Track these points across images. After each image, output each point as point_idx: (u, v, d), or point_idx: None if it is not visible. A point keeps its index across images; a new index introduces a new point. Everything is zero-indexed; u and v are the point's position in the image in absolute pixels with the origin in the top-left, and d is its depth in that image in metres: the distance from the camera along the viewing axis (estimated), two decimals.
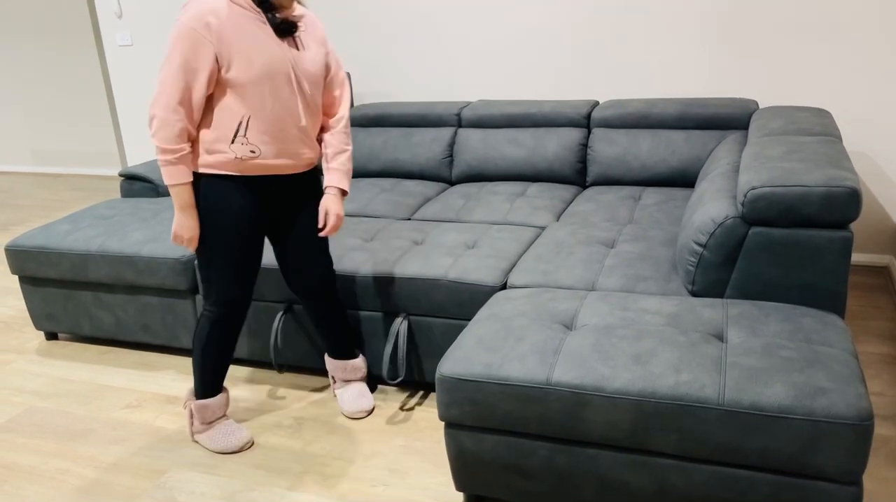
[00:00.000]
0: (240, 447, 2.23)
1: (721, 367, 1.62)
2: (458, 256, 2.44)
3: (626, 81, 3.53)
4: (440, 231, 2.71)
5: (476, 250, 2.49)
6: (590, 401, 1.64)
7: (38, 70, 6.10)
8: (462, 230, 2.70)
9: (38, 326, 3.06)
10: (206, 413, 2.24)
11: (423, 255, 2.47)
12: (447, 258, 2.43)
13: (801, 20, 3.17)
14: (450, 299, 2.33)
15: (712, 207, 2.04)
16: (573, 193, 3.19)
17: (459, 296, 2.32)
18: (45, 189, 5.87)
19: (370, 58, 3.98)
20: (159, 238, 2.78)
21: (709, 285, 2.03)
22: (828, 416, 1.48)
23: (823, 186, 1.84)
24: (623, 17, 3.44)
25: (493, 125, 3.47)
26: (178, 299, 2.75)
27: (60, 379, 2.78)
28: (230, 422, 2.28)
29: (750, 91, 3.35)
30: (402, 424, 2.35)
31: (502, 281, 2.31)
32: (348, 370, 2.42)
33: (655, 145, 3.16)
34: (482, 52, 3.74)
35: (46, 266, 2.87)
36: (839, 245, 1.86)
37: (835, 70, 3.18)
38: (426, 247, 2.55)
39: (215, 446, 2.24)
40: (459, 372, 1.75)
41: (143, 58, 4.56)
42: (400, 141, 3.58)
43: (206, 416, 2.24)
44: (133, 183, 3.46)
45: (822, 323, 1.79)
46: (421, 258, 2.45)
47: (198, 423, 2.26)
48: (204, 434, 2.27)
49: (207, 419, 2.25)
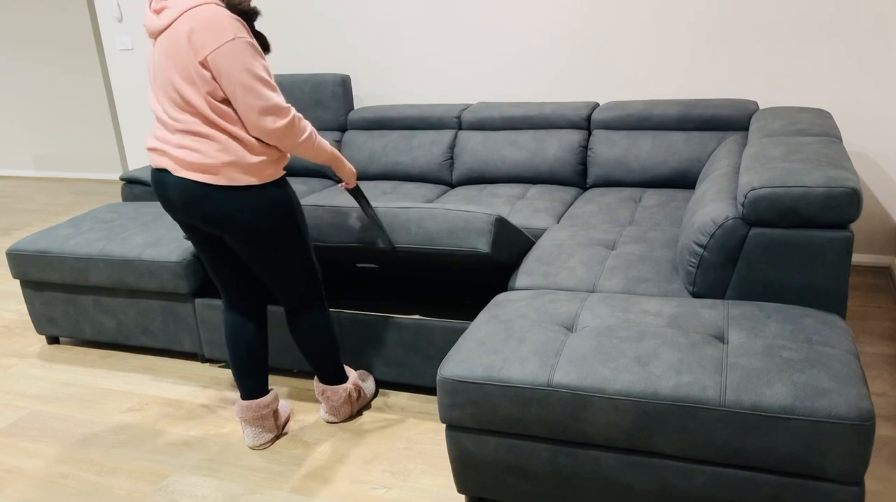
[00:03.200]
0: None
1: (722, 368, 1.62)
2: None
3: (626, 83, 3.54)
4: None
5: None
6: (591, 403, 1.64)
7: (38, 74, 6.12)
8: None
9: (39, 330, 3.06)
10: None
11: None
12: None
13: (800, 21, 3.17)
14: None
15: (713, 208, 2.04)
16: (574, 195, 3.19)
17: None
18: (47, 193, 5.87)
19: (370, 61, 3.98)
20: (160, 241, 2.78)
21: (709, 286, 2.03)
22: (829, 417, 1.48)
23: (824, 187, 1.84)
24: (623, 19, 3.44)
25: (494, 127, 3.48)
26: (179, 303, 2.75)
27: (62, 383, 2.79)
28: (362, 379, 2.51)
29: (750, 92, 3.35)
30: (404, 426, 2.35)
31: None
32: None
33: (656, 147, 3.16)
34: (482, 54, 3.75)
35: (48, 270, 2.87)
36: (840, 245, 1.86)
37: (835, 71, 3.18)
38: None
39: (370, 389, 2.49)
40: (460, 374, 1.75)
41: (143, 62, 4.56)
42: (400, 143, 3.59)
43: (359, 384, 2.41)
44: (134, 187, 3.46)
45: (823, 323, 1.79)
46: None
47: (360, 394, 2.41)
48: (366, 394, 2.45)
49: (359, 384, 2.41)
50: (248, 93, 1.85)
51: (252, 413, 2.25)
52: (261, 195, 1.96)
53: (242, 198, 1.94)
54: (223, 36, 1.83)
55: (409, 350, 2.44)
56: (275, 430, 2.31)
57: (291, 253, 2.09)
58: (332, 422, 2.39)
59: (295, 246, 2.09)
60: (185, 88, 1.88)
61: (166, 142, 1.96)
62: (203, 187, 1.93)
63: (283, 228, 2.03)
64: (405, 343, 2.44)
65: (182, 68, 1.87)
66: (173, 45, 1.87)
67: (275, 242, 2.04)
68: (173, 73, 1.89)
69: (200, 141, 1.91)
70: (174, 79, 1.89)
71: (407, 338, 2.43)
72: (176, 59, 1.87)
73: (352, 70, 4.04)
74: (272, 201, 1.99)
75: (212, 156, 1.90)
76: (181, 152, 1.93)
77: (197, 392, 2.65)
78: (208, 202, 1.94)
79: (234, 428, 2.40)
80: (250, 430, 2.27)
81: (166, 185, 1.99)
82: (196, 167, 1.92)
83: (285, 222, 2.03)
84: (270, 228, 2.00)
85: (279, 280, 2.14)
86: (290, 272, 2.13)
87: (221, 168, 1.91)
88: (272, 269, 2.10)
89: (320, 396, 2.35)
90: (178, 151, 1.93)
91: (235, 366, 2.25)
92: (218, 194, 1.93)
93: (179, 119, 1.92)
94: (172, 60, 1.88)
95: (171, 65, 1.89)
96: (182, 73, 1.87)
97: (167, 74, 1.90)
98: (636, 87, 3.53)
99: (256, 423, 2.27)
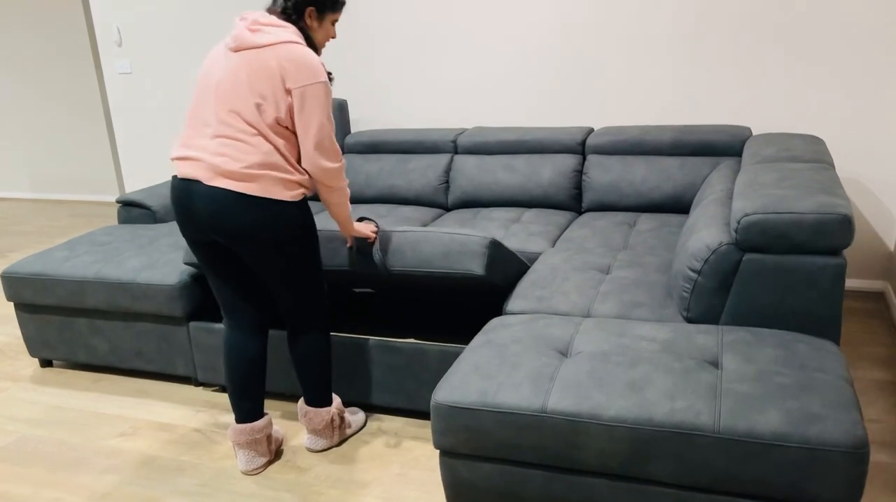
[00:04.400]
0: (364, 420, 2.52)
1: (716, 394, 1.62)
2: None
3: (620, 108, 3.57)
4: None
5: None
6: (585, 429, 1.63)
7: (37, 96, 6.15)
8: None
9: (32, 353, 3.05)
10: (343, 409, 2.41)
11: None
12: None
13: (794, 48, 3.21)
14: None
15: (706, 234, 2.05)
16: (568, 219, 3.21)
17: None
18: (44, 215, 5.88)
19: (366, 85, 4.02)
20: (156, 264, 2.78)
21: (704, 311, 2.03)
22: (823, 444, 1.47)
23: (816, 213, 1.86)
24: (617, 45, 3.48)
25: (489, 152, 3.50)
26: (173, 326, 2.75)
27: (54, 407, 2.77)
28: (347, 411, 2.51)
29: (743, 118, 3.38)
30: (398, 452, 2.33)
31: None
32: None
33: (650, 172, 3.18)
34: (478, 79, 3.78)
35: (42, 293, 2.87)
36: (833, 271, 1.87)
37: (826, 97, 3.22)
38: None
39: (358, 422, 2.48)
40: (454, 399, 1.74)
41: (142, 85, 4.59)
42: (396, 167, 3.60)
43: (343, 412, 2.40)
44: (131, 209, 3.47)
45: (816, 349, 1.80)
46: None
47: (343, 422, 2.40)
48: (351, 424, 2.45)
49: (343, 413, 2.41)
50: (319, 131, 2.01)
51: (246, 436, 2.24)
52: (289, 210, 2.04)
53: (271, 211, 2.00)
54: (315, 76, 1.98)
55: (403, 374, 2.44)
56: (268, 455, 2.30)
57: (306, 270, 2.15)
58: (314, 451, 2.36)
59: (310, 264, 2.16)
60: (258, 103, 1.97)
61: (203, 150, 2.01)
62: (235, 196, 1.98)
63: (303, 245, 2.10)
64: (400, 366, 2.43)
65: (262, 87, 1.97)
66: (262, 66, 1.97)
67: (293, 257, 2.10)
68: (250, 88, 1.97)
69: (245, 149, 1.98)
70: (249, 92, 1.97)
71: (401, 362, 2.43)
72: (260, 77, 1.97)
73: (349, 94, 4.07)
74: (297, 218, 2.06)
75: (252, 164, 1.97)
76: (219, 159, 1.98)
77: (190, 416, 2.64)
78: (238, 212, 1.99)
79: (227, 453, 2.39)
80: (244, 454, 2.26)
81: (193, 196, 2.02)
82: (233, 175, 1.97)
83: (305, 240, 2.11)
84: (292, 243, 2.07)
85: (290, 294, 2.17)
86: (302, 289, 2.17)
87: (260, 177, 1.97)
88: (286, 284, 2.14)
89: (302, 418, 2.35)
90: (216, 158, 1.98)
91: (233, 387, 2.24)
92: (249, 205, 1.98)
93: (232, 125, 1.99)
94: (255, 77, 1.97)
95: (251, 80, 1.98)
96: (261, 91, 1.97)
97: (242, 86, 1.98)
98: (630, 113, 3.56)
99: (250, 447, 2.25)
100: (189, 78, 4.44)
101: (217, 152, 1.99)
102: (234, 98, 1.99)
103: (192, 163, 2.02)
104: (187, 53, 4.40)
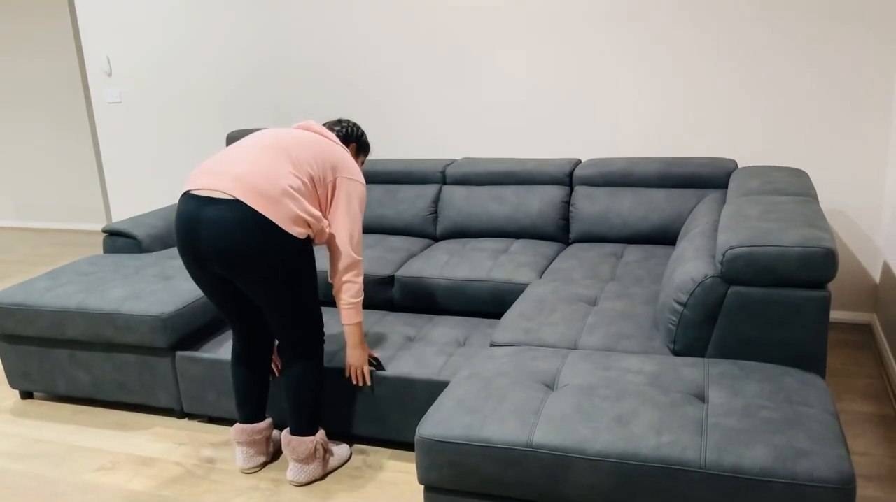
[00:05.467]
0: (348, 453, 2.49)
1: (702, 429, 1.61)
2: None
3: (607, 141, 3.60)
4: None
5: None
6: (571, 464, 1.61)
7: (25, 124, 6.14)
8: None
9: (13, 385, 3.00)
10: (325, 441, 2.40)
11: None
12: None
13: (778, 82, 3.25)
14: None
15: (692, 266, 2.05)
16: (556, 250, 3.21)
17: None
18: (28, 244, 5.83)
19: (355, 115, 4.04)
20: (140, 295, 2.76)
21: (690, 343, 2.03)
22: (810, 479, 1.46)
23: (800, 246, 1.86)
24: (605, 78, 3.52)
25: (478, 182, 3.51)
26: (156, 357, 2.71)
27: (33, 439, 2.72)
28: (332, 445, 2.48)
29: (729, 151, 3.41)
30: (383, 486, 2.30)
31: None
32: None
33: (637, 203, 3.20)
34: (466, 111, 3.81)
35: (24, 323, 2.83)
36: (817, 304, 1.87)
37: (810, 131, 3.25)
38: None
39: (342, 456, 2.45)
40: (439, 434, 1.72)
41: (130, 115, 4.60)
42: (385, 197, 3.61)
43: (327, 444, 2.39)
44: (116, 239, 3.44)
45: (802, 382, 1.79)
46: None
47: (327, 453, 2.38)
48: (335, 455, 2.42)
49: (327, 445, 2.39)
50: (353, 222, 2.22)
51: (247, 436, 2.39)
52: (293, 242, 2.09)
53: (278, 239, 2.05)
54: (358, 177, 2.25)
55: (389, 405, 2.41)
56: (266, 456, 2.44)
57: (301, 298, 2.19)
58: (299, 483, 2.33)
59: (306, 293, 2.20)
60: (307, 162, 2.13)
61: (233, 164, 2.09)
62: (250, 215, 2.02)
63: (301, 275, 2.15)
64: (386, 398, 2.41)
65: (314, 157, 2.16)
66: (321, 144, 2.20)
67: (289, 285, 2.14)
68: (309, 152, 2.15)
69: (281, 171, 2.07)
70: (306, 154, 2.14)
71: (387, 393, 2.40)
72: (316, 152, 2.17)
73: None
74: (300, 250, 2.12)
75: (280, 187, 2.04)
76: (249, 171, 2.05)
77: (171, 449, 2.59)
78: (246, 232, 2.02)
79: (208, 488, 2.34)
80: (242, 453, 2.40)
81: (202, 213, 2.05)
82: (256, 191, 2.03)
83: (303, 270, 2.16)
84: (290, 272, 2.12)
85: (286, 320, 2.21)
86: (297, 316, 2.21)
87: (282, 198, 2.04)
88: (282, 309, 2.18)
89: (286, 447, 2.33)
90: (246, 169, 2.06)
91: (237, 390, 2.40)
92: (261, 227, 2.03)
93: (276, 159, 2.10)
94: (313, 150, 2.17)
95: (310, 149, 2.17)
96: (315, 158, 2.16)
97: (300, 146, 2.16)
98: (617, 145, 3.59)
99: (250, 446, 2.40)
100: (178, 107, 4.45)
101: (252, 163, 2.08)
102: (293, 148, 2.14)
103: (216, 176, 2.08)
104: (176, 84, 4.41)
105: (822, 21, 3.13)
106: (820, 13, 3.12)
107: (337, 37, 3.95)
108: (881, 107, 3.13)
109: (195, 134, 4.46)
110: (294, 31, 4.03)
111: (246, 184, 2.03)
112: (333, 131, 2.41)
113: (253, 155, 2.10)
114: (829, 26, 3.12)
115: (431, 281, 2.93)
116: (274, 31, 4.07)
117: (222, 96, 4.31)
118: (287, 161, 2.10)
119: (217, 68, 4.27)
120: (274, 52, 4.11)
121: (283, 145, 2.14)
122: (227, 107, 4.32)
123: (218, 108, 4.34)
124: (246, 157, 2.10)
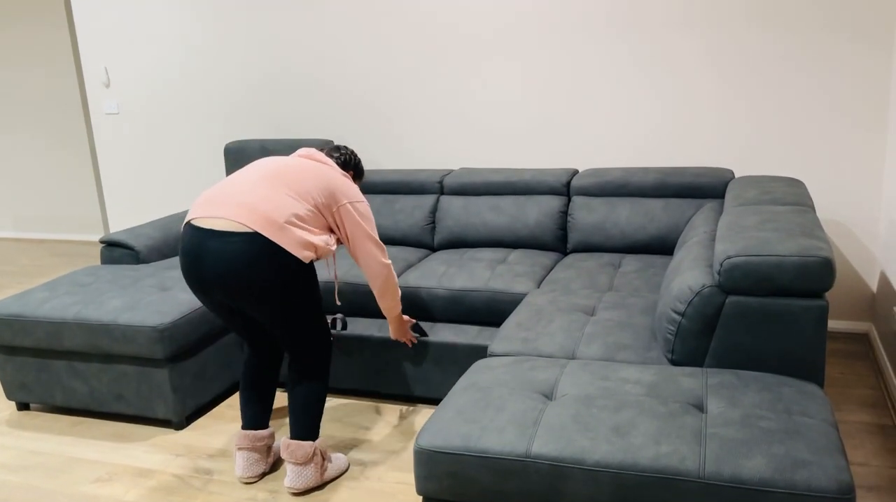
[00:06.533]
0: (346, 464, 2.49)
1: (701, 439, 1.60)
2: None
3: (605, 150, 3.61)
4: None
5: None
6: (569, 474, 1.61)
7: (23, 134, 6.14)
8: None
9: (9, 396, 2.99)
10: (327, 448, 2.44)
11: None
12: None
13: (774, 92, 3.27)
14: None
15: (689, 276, 2.05)
16: (554, 260, 3.21)
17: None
18: (26, 255, 5.82)
19: (352, 126, 4.05)
20: (137, 305, 2.75)
21: (688, 353, 2.03)
22: (809, 490, 1.46)
23: (797, 256, 1.87)
24: (602, 88, 3.54)
25: (475, 192, 3.52)
26: (153, 368, 2.71)
27: (30, 451, 2.70)
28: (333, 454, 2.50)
29: (726, 160, 3.42)
30: (381, 497, 2.29)
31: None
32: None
33: (634, 213, 3.21)
34: (464, 121, 3.82)
35: (21, 334, 2.82)
36: (815, 314, 1.87)
37: (807, 140, 3.27)
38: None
39: (340, 467, 2.44)
40: (437, 444, 1.72)
41: (128, 126, 4.60)
42: (382, 207, 3.61)
43: (325, 452, 2.40)
44: (113, 249, 3.44)
45: (800, 392, 1.79)
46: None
47: (325, 460, 2.38)
48: (333, 464, 2.42)
49: (326, 453, 2.40)
50: (372, 237, 2.34)
51: (248, 442, 2.40)
52: (298, 265, 2.16)
53: (283, 263, 2.12)
54: (361, 198, 2.34)
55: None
56: (265, 466, 2.44)
57: (308, 313, 2.27)
58: (297, 491, 2.32)
59: (312, 307, 2.28)
60: (311, 189, 2.21)
61: (234, 195, 2.15)
62: (258, 241, 2.08)
63: (305, 293, 2.22)
64: None
65: (317, 185, 2.23)
66: (323, 171, 2.28)
67: (295, 303, 2.21)
68: (313, 181, 2.23)
69: (284, 200, 2.14)
70: (309, 182, 2.22)
71: None
72: (319, 180, 2.24)
73: (336, 135, 4.10)
74: (305, 270, 2.20)
75: (285, 214, 2.12)
76: (253, 198, 2.12)
77: (169, 461, 2.58)
78: (252, 258, 2.08)
79: (206, 499, 2.33)
80: (242, 459, 2.40)
81: (208, 244, 2.11)
82: (260, 217, 2.09)
83: (307, 288, 2.23)
84: (296, 292, 2.18)
85: (293, 336, 2.28)
86: (304, 330, 2.28)
87: (286, 225, 2.11)
88: (289, 326, 2.25)
89: (285, 450, 2.33)
90: (250, 196, 2.12)
91: (242, 393, 2.45)
92: (268, 252, 2.09)
93: (277, 188, 2.17)
94: (317, 178, 2.25)
95: (314, 177, 2.24)
96: (317, 186, 2.23)
97: (303, 174, 2.23)
98: (615, 155, 3.60)
99: (250, 452, 2.40)
100: (176, 119, 4.46)
101: (254, 191, 2.15)
102: (292, 179, 2.20)
103: (218, 207, 2.13)
104: (175, 95, 4.42)
105: (818, 31, 3.15)
106: (816, 23, 3.14)
107: (334, 48, 3.97)
108: (877, 116, 3.15)
109: (193, 145, 4.46)
110: (292, 42, 4.04)
111: (252, 211, 2.11)
112: (332, 157, 2.50)
113: (257, 184, 2.18)
114: (825, 36, 3.14)
115: (429, 291, 2.93)
116: (272, 42, 4.09)
117: (220, 107, 4.32)
118: (290, 189, 2.18)
119: (215, 80, 4.28)
120: (272, 64, 4.12)
121: (286, 174, 2.21)
122: (225, 118, 4.33)
123: (216, 119, 4.35)
124: (250, 186, 2.17)
